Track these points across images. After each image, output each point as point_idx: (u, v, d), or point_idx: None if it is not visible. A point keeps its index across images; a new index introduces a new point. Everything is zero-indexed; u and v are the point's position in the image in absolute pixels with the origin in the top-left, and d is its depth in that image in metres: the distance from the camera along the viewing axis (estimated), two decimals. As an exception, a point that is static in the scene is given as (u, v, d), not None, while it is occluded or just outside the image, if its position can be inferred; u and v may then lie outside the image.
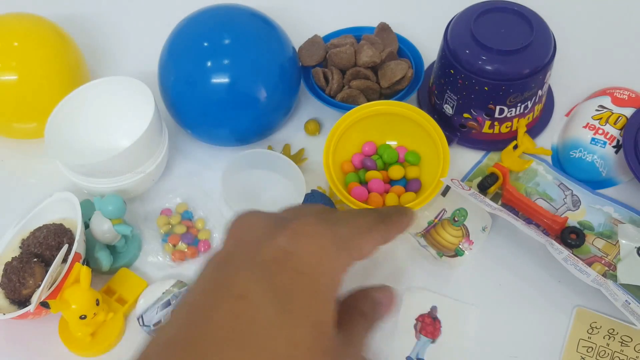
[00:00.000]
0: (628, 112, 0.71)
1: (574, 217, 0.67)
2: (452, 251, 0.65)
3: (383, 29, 0.77)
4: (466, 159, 0.73)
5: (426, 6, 0.89)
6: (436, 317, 0.62)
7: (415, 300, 0.63)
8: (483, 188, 0.69)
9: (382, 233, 0.35)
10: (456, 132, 0.73)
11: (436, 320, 0.61)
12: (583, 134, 0.71)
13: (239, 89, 0.67)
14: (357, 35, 0.77)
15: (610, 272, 0.63)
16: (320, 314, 0.31)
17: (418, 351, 0.60)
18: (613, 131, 0.70)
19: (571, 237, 0.64)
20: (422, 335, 0.61)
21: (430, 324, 0.61)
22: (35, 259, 0.61)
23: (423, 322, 0.61)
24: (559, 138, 0.74)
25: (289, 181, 0.69)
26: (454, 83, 0.69)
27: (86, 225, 0.65)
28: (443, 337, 0.61)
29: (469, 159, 0.73)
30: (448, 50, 0.68)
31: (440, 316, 0.62)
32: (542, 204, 0.68)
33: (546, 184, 0.70)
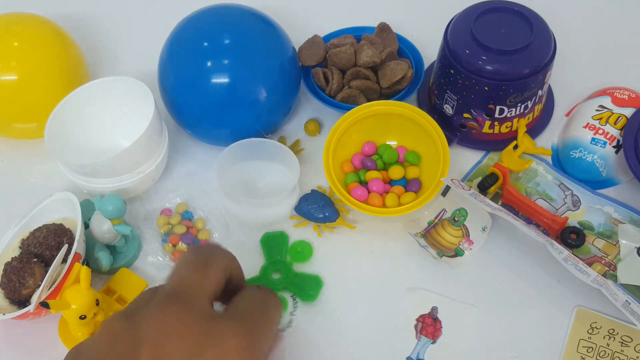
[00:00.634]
0: (628, 112, 0.71)
1: (574, 217, 0.67)
2: (452, 251, 0.65)
3: (383, 29, 0.77)
4: (466, 159, 0.73)
5: (426, 6, 0.89)
6: (437, 318, 0.62)
7: (415, 300, 0.63)
8: (483, 188, 0.69)
9: None
10: (456, 132, 0.73)
11: (437, 320, 0.61)
12: (583, 134, 0.71)
13: (239, 89, 0.67)
14: (357, 35, 0.77)
15: (610, 272, 0.63)
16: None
17: (419, 351, 0.60)
18: (613, 131, 0.70)
19: (571, 237, 0.64)
20: (423, 335, 0.61)
21: (431, 325, 0.61)
22: (35, 259, 0.61)
23: (424, 323, 0.61)
24: (559, 138, 0.74)
25: (283, 166, 0.70)
26: (454, 83, 0.69)
27: (86, 225, 0.65)
28: (443, 338, 0.61)
29: (469, 159, 0.73)
30: (448, 50, 0.68)
31: (440, 316, 0.62)
32: (542, 204, 0.68)
33: (546, 184, 0.70)
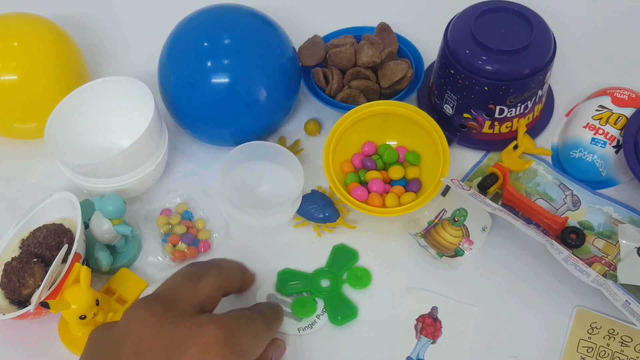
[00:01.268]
0: (628, 112, 0.71)
1: (574, 217, 0.67)
2: (452, 251, 0.65)
3: (383, 29, 0.77)
4: (466, 159, 0.73)
5: (426, 6, 0.89)
6: (437, 318, 0.62)
7: (415, 300, 0.63)
8: (483, 188, 0.69)
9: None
10: (456, 132, 0.73)
11: (437, 320, 0.61)
12: (583, 134, 0.71)
13: (239, 89, 0.67)
14: (357, 35, 0.77)
15: (610, 272, 0.63)
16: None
17: (419, 351, 0.60)
18: (613, 131, 0.70)
19: (571, 237, 0.64)
20: (423, 335, 0.61)
21: (431, 325, 0.61)
22: (35, 259, 0.61)
23: (424, 323, 0.61)
24: (559, 138, 0.74)
25: (287, 171, 0.70)
26: (454, 83, 0.69)
27: (86, 225, 0.65)
28: (443, 337, 0.61)
29: (469, 159, 0.73)
30: (448, 50, 0.68)
31: (440, 317, 0.62)
32: (542, 204, 0.68)
33: (546, 184, 0.70)
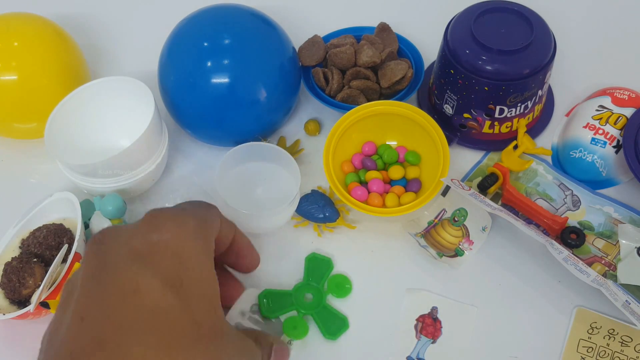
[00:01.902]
0: (628, 112, 0.71)
1: (574, 217, 0.67)
2: (452, 251, 0.65)
3: (383, 29, 0.77)
4: (466, 159, 0.73)
5: (426, 6, 0.89)
6: (437, 318, 0.62)
7: (415, 301, 0.63)
8: (483, 188, 0.69)
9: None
10: (456, 132, 0.73)
11: (437, 320, 0.61)
12: (583, 134, 0.71)
13: (239, 89, 0.67)
14: (357, 35, 0.77)
15: (610, 272, 0.63)
16: (209, 290, 0.34)
17: (419, 351, 0.60)
18: (613, 131, 0.70)
19: (571, 237, 0.64)
20: (423, 335, 0.61)
21: (431, 325, 0.61)
22: (35, 259, 0.61)
23: (424, 323, 0.61)
24: (559, 138, 0.74)
25: (285, 171, 0.69)
26: (454, 83, 0.69)
27: (86, 225, 0.65)
28: (443, 337, 0.61)
29: (469, 159, 0.73)
30: (448, 50, 0.68)
31: (440, 317, 0.62)
32: (542, 204, 0.68)
33: (546, 184, 0.70)
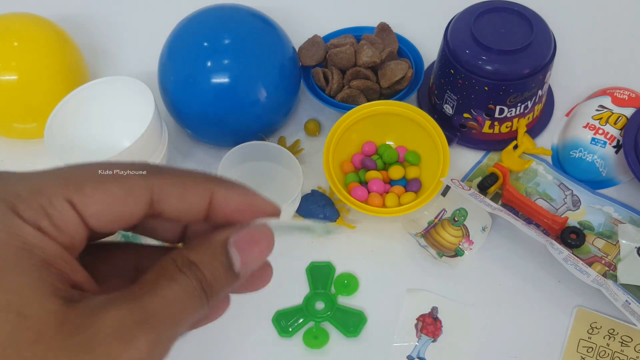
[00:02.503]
0: (628, 112, 0.71)
1: (574, 217, 0.67)
2: (452, 251, 0.65)
3: (383, 29, 0.77)
4: (466, 159, 0.73)
5: (426, 6, 0.89)
6: (437, 317, 0.62)
7: (415, 301, 0.63)
8: (483, 188, 0.69)
9: None
10: (456, 132, 0.73)
11: (437, 320, 0.61)
12: (583, 134, 0.71)
13: (239, 89, 0.67)
14: (357, 35, 0.77)
15: (610, 272, 0.63)
16: (14, 296, 0.23)
17: (419, 350, 0.60)
18: (613, 131, 0.70)
19: (571, 237, 0.64)
20: (423, 334, 0.61)
21: (431, 324, 0.61)
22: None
23: (424, 322, 0.61)
24: (559, 138, 0.74)
25: (286, 170, 0.69)
26: (454, 83, 0.69)
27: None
28: (444, 336, 0.61)
29: (469, 159, 0.73)
30: (448, 50, 0.68)
31: (440, 317, 0.62)
32: (542, 204, 0.68)
33: (546, 184, 0.70)
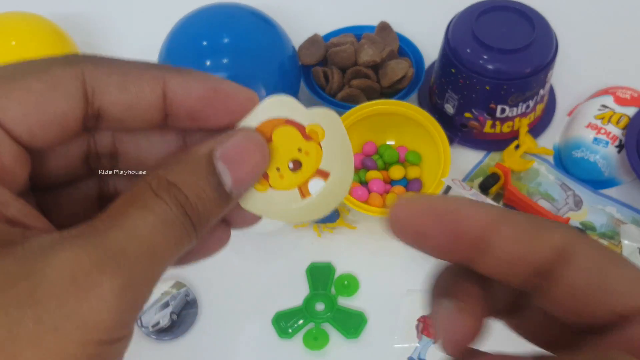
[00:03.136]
0: (631, 112, 0.70)
1: (576, 218, 0.67)
2: (453, 252, 0.65)
3: (383, 28, 0.77)
4: (467, 159, 0.73)
5: (427, 5, 0.89)
6: (437, 319, 0.61)
7: (416, 302, 0.62)
8: (484, 188, 0.69)
9: None
10: (457, 132, 0.73)
11: (437, 321, 0.61)
12: (585, 134, 0.70)
13: (239, 89, 0.67)
14: (358, 34, 0.77)
15: (612, 273, 0.63)
16: (87, 315, 0.18)
17: (420, 351, 0.59)
18: (615, 131, 0.69)
19: (573, 238, 0.64)
20: (425, 335, 0.60)
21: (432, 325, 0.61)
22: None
23: (425, 323, 0.61)
24: (561, 138, 0.74)
25: None
26: (455, 82, 0.68)
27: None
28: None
29: (470, 159, 0.73)
30: (449, 49, 0.68)
31: (441, 317, 0.61)
32: (544, 204, 0.68)
33: (548, 184, 0.70)
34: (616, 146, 0.69)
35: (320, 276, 0.64)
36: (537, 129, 0.74)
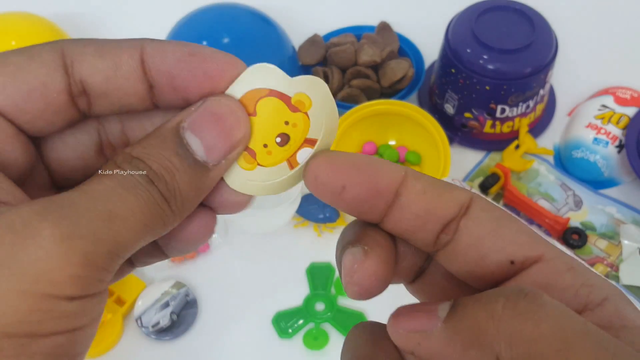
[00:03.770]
0: (631, 112, 0.70)
1: (576, 218, 0.67)
2: (453, 252, 0.65)
3: (383, 28, 0.77)
4: (467, 159, 0.73)
5: (427, 5, 0.89)
6: (437, 319, 0.61)
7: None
8: (484, 188, 0.69)
9: None
10: (457, 132, 0.73)
11: (437, 321, 0.61)
12: (585, 134, 0.70)
13: (239, 89, 0.67)
14: (358, 34, 0.77)
15: (612, 273, 0.63)
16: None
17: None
18: (615, 131, 0.69)
19: (573, 238, 0.64)
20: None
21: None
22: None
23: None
24: (561, 138, 0.74)
25: None
26: (455, 82, 0.68)
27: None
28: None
29: (470, 159, 0.73)
30: (449, 49, 0.68)
31: (441, 317, 0.61)
32: (544, 205, 0.68)
33: (548, 184, 0.70)
34: (616, 146, 0.69)
35: (320, 276, 0.64)
36: (537, 129, 0.74)
